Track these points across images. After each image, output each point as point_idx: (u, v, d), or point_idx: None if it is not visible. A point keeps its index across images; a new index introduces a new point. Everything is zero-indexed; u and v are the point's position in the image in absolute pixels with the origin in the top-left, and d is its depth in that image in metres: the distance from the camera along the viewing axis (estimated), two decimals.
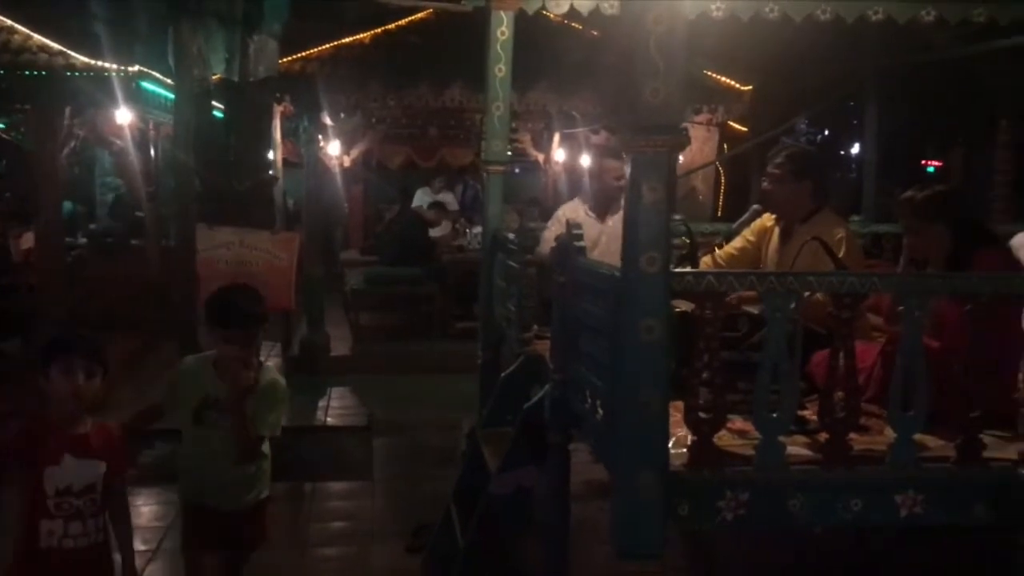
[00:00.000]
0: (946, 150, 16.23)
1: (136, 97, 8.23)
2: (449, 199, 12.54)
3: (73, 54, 7.82)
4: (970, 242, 3.32)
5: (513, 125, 10.67)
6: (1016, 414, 2.79)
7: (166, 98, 8.59)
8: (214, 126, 6.25)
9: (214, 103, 6.68)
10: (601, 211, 5.07)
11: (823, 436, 2.80)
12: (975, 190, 14.01)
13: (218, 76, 5.98)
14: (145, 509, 5.11)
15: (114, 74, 7.58)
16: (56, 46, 7.87)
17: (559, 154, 12.61)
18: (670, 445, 2.68)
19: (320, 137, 10.45)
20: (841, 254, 3.55)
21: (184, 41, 5.48)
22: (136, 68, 7.80)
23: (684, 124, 9.96)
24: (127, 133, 9.98)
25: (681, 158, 10.72)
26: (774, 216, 4.17)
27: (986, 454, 2.82)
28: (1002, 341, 2.87)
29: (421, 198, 12.25)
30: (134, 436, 3.37)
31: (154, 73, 8.30)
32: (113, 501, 3.11)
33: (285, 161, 10.80)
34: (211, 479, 3.42)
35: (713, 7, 5.51)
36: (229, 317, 3.32)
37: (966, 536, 2.91)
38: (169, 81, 7.23)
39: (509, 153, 9.14)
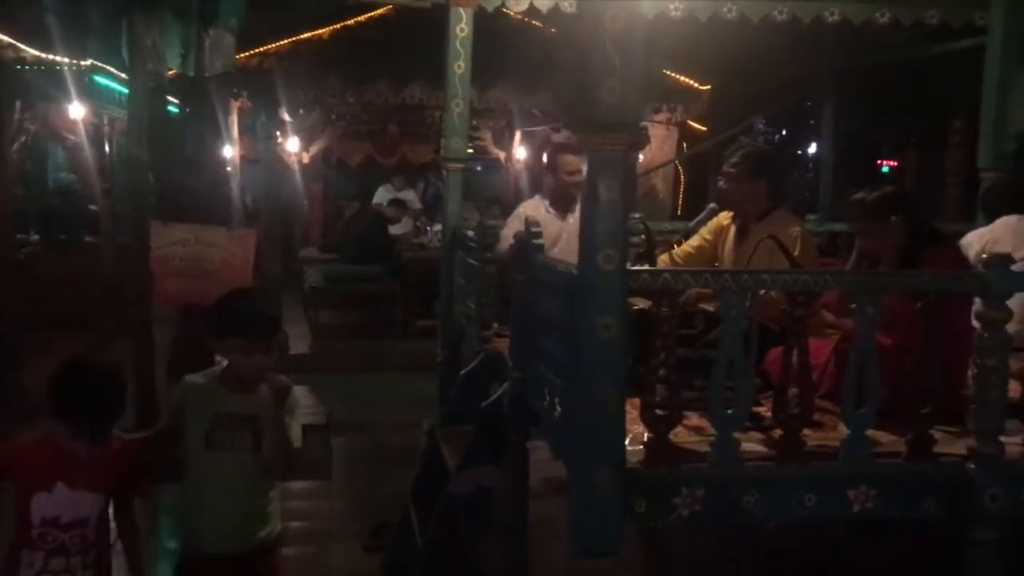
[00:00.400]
0: (901, 150, 16.49)
1: (89, 91, 8.11)
2: (411, 196, 12.48)
3: (23, 47, 7.67)
4: (920, 241, 3.37)
5: (474, 123, 10.67)
6: (966, 410, 2.83)
7: (120, 93, 8.47)
8: (169, 122, 6.16)
9: (169, 98, 6.58)
10: (561, 208, 5.07)
11: (777, 432, 2.83)
12: (928, 190, 14.26)
13: (173, 71, 5.89)
14: None
15: (66, 68, 7.45)
16: (6, 38, 7.71)
17: (520, 152, 12.61)
18: (627, 442, 2.70)
19: (278, 133, 10.36)
20: (796, 252, 3.59)
21: (138, 35, 5.40)
22: (89, 62, 7.68)
23: (643, 123, 10.04)
24: (81, 128, 9.81)
25: (641, 157, 10.78)
26: (731, 214, 4.20)
27: (936, 450, 2.87)
28: (953, 338, 2.92)
29: (382, 195, 12.19)
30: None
31: (108, 67, 8.17)
32: (120, 528, 2.89)
33: (243, 158, 10.69)
34: (222, 514, 2.94)
35: (672, 7, 5.57)
36: (252, 325, 2.96)
37: (917, 530, 2.95)
38: (123, 75, 7.12)
39: (470, 151, 9.14)
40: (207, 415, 2.93)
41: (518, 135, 12.36)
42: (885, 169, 18.43)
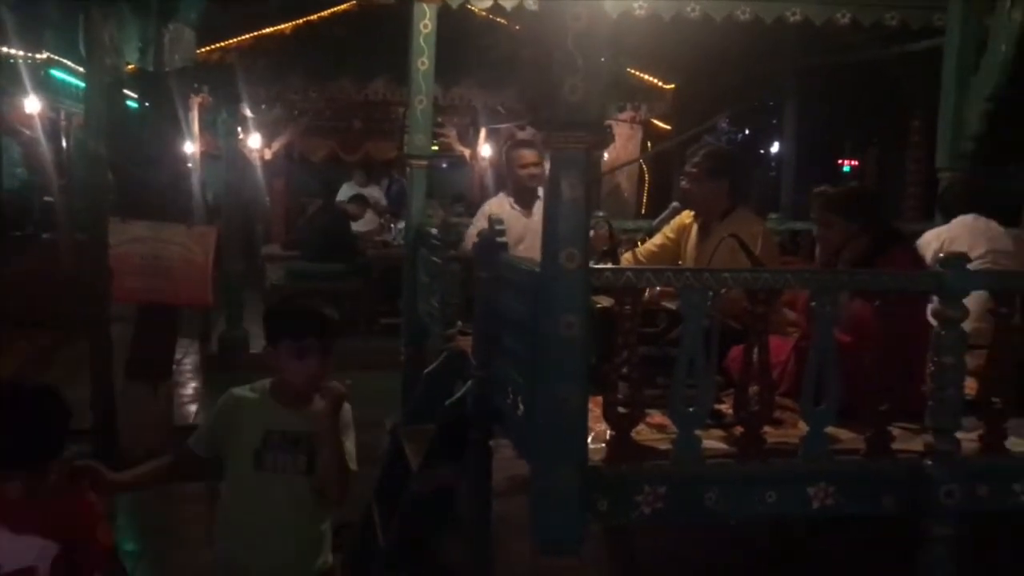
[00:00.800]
0: (862, 150, 16.71)
1: (46, 85, 7.96)
2: (375, 193, 12.41)
3: None
4: (879, 241, 3.40)
5: (439, 120, 10.65)
6: (924, 407, 2.87)
7: (77, 87, 8.33)
8: (128, 117, 6.06)
9: (128, 93, 6.49)
10: (525, 204, 5.07)
11: (738, 430, 2.85)
12: (888, 189, 14.45)
13: (132, 66, 5.80)
14: None
15: (21, 61, 7.31)
16: None
17: (485, 149, 12.60)
18: (589, 440, 2.70)
19: (240, 129, 10.25)
20: (757, 251, 3.62)
21: (95, 28, 5.30)
22: (45, 55, 7.54)
23: (608, 122, 10.11)
24: (37, 122, 9.63)
25: (605, 155, 10.83)
26: (693, 213, 4.22)
27: (895, 446, 2.90)
28: (911, 336, 2.95)
29: (347, 192, 12.09)
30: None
31: (65, 61, 8.03)
32: None
33: (204, 153, 10.57)
34: (273, 543, 2.63)
35: (636, 5, 5.58)
36: (305, 324, 2.66)
37: (876, 526, 2.99)
38: (80, 69, 7.01)
39: (435, 148, 9.11)
40: (256, 433, 2.63)
41: (483, 132, 12.35)
42: (846, 168, 18.66)
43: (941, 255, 2.97)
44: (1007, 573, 3.88)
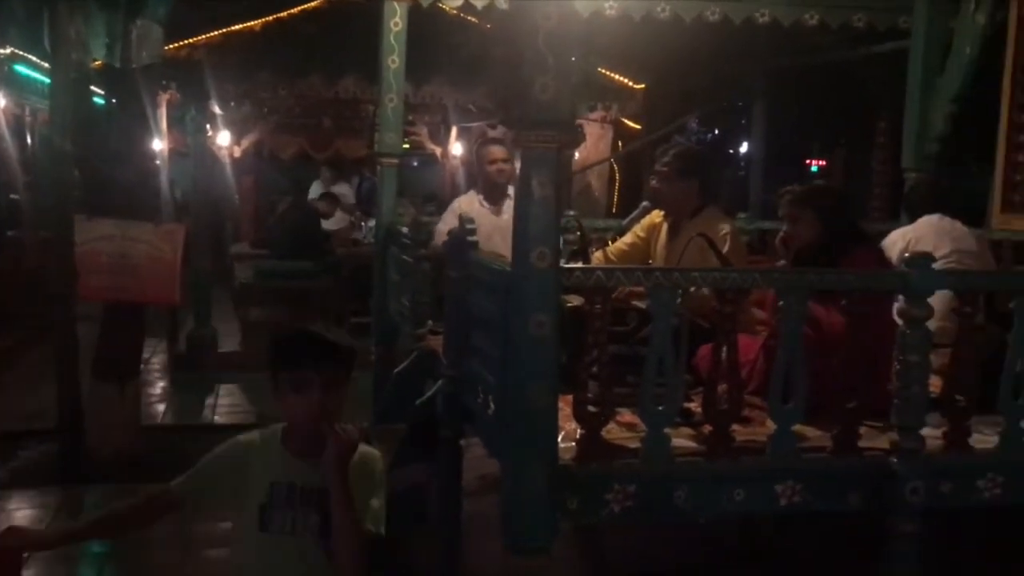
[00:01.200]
0: (830, 150, 16.87)
1: (10, 81, 7.84)
2: (344, 190, 12.32)
3: None
4: (844, 240, 3.43)
5: (410, 118, 10.61)
6: (890, 405, 2.90)
7: (43, 83, 8.22)
8: (94, 113, 5.98)
9: (94, 89, 6.41)
10: (495, 202, 5.08)
11: (707, 428, 2.87)
12: (855, 189, 14.59)
13: (98, 62, 5.72)
14: (19, 514, 4.88)
15: None
16: None
17: (457, 148, 12.57)
18: (559, 439, 2.71)
19: (208, 127, 10.15)
20: (725, 250, 3.64)
21: (61, 24, 5.23)
22: (9, 50, 7.42)
23: (579, 121, 10.12)
24: (1, 119, 9.49)
25: (576, 154, 10.84)
26: (663, 212, 4.25)
27: (861, 444, 2.94)
28: (877, 335, 2.99)
29: (316, 191, 11.99)
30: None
31: (30, 56, 7.91)
32: None
33: (172, 151, 10.46)
34: None
35: (606, 5, 5.61)
36: (302, 351, 2.22)
37: (844, 522, 3.02)
38: (46, 65, 6.90)
39: (406, 146, 9.08)
40: (261, 486, 2.22)
41: (454, 131, 12.33)
42: (814, 168, 18.84)
43: (907, 255, 3.01)
44: (970, 569, 3.93)
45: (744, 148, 16.88)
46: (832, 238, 3.42)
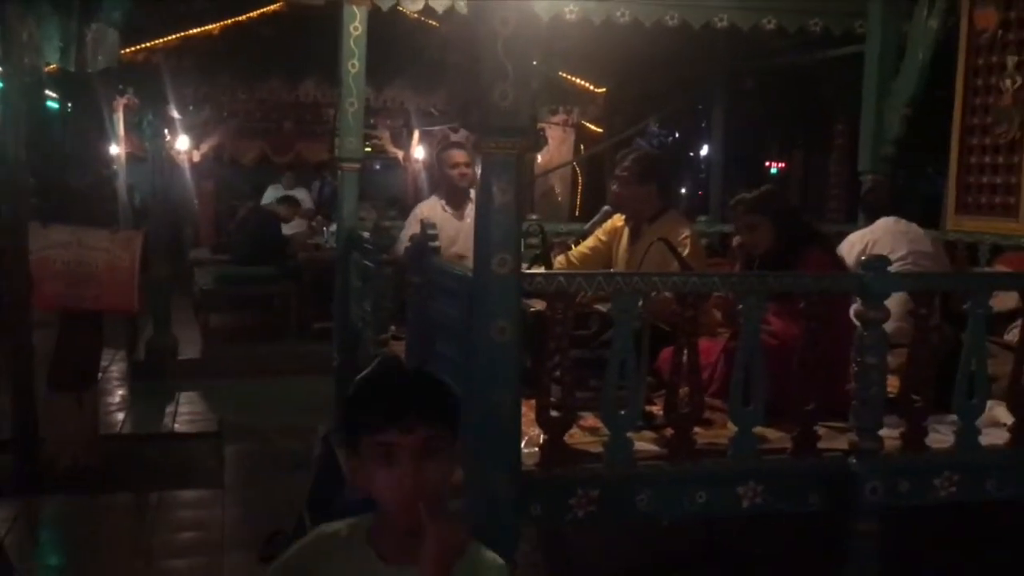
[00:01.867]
0: (789, 152, 17.06)
1: None
2: (302, 195, 12.24)
3: None
4: (799, 241, 3.46)
5: (371, 121, 10.58)
6: (848, 406, 2.94)
7: None
8: (48, 118, 5.89)
9: (49, 93, 6.31)
10: (457, 206, 5.08)
11: (669, 431, 2.88)
12: (813, 190, 14.79)
13: (52, 66, 5.64)
14: None
15: None
16: None
17: (419, 151, 12.55)
18: (523, 445, 2.71)
19: (167, 131, 10.04)
20: (686, 253, 3.68)
21: (13, 27, 5.13)
22: None
23: (541, 124, 10.14)
24: None
25: (539, 158, 10.87)
26: (624, 216, 4.27)
27: (821, 445, 2.97)
28: (834, 337, 3.03)
29: (272, 195, 11.88)
30: None
31: None
32: None
33: (130, 155, 10.33)
34: None
35: (567, 9, 5.63)
36: (391, 405, 1.57)
37: (805, 522, 3.05)
38: None
39: (368, 149, 9.03)
40: None
41: (416, 134, 12.30)
42: (774, 171, 19.02)
43: (863, 258, 3.05)
44: (928, 567, 3.99)
45: (704, 151, 17.01)
46: (788, 241, 3.45)
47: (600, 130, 11.52)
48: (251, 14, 8.82)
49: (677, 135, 17.38)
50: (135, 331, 8.59)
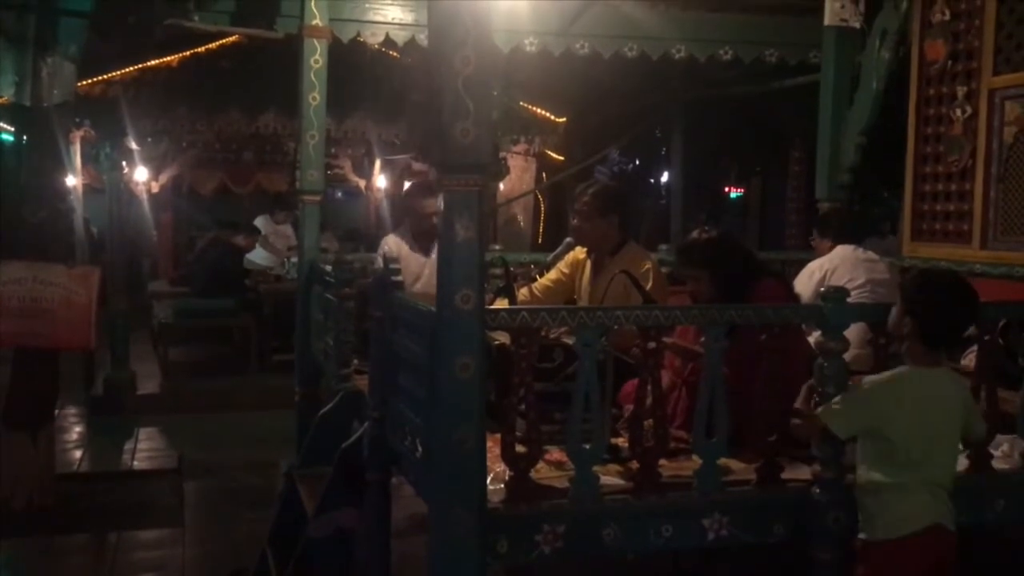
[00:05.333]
0: (747, 179, 17.28)
1: None
2: (289, 232, 12.01)
3: None
4: (741, 280, 3.42)
5: (332, 151, 10.55)
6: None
7: None
8: (2, 151, 5.81)
9: (3, 126, 6.22)
10: (424, 244, 5.05)
11: (634, 464, 2.88)
12: (772, 217, 14.97)
13: (6, 99, 5.56)
14: None
15: None
16: None
17: (381, 180, 12.53)
18: (488, 482, 2.69)
19: (125, 163, 9.94)
20: (648, 286, 3.69)
21: None
22: None
23: (503, 154, 10.20)
24: None
25: (501, 186, 10.92)
26: (586, 249, 4.29)
27: (784, 475, 2.98)
28: (792, 367, 3.05)
29: (261, 225, 11.63)
30: None
31: None
32: None
33: (88, 187, 10.20)
34: None
35: (526, 42, 5.68)
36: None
37: (769, 553, 3.06)
38: None
39: (330, 172, 8.98)
40: None
41: (378, 163, 12.28)
42: (733, 195, 19.24)
43: (822, 290, 3.08)
44: None
45: (665, 177, 17.17)
46: (728, 283, 3.44)
47: (561, 158, 11.59)
48: (210, 46, 8.77)
49: (637, 162, 17.53)
50: (92, 365, 8.46)
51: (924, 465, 2.70)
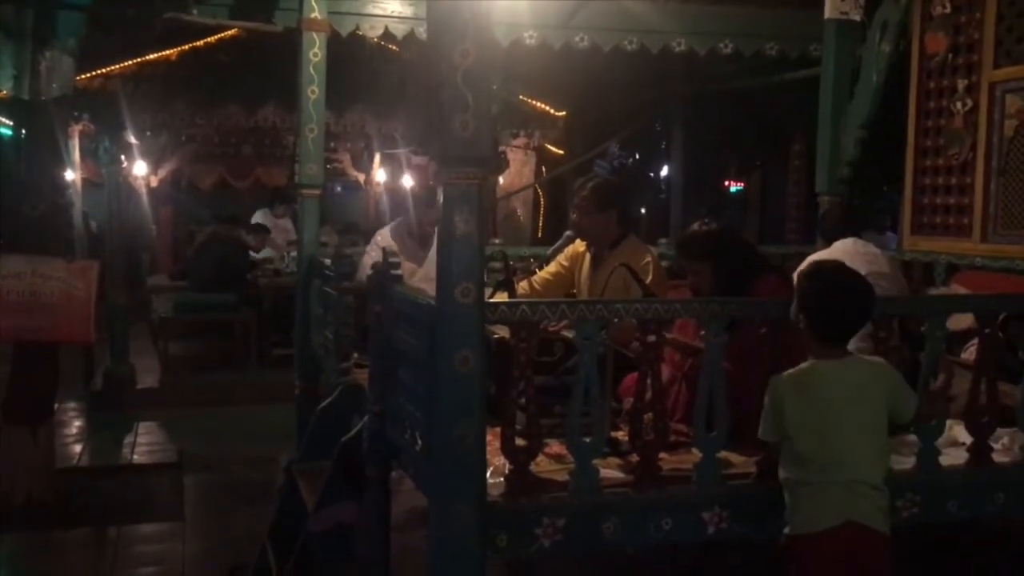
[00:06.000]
0: (747, 172, 17.27)
1: None
2: (288, 225, 12.02)
3: None
4: (741, 276, 3.42)
5: (331, 144, 10.53)
6: None
7: None
8: (1, 146, 5.80)
9: (2, 120, 6.21)
10: (423, 240, 5.05)
11: (634, 458, 2.88)
12: (772, 210, 14.96)
13: (5, 93, 5.55)
14: None
15: None
16: None
17: (380, 174, 12.50)
18: (488, 475, 2.69)
19: (124, 156, 9.92)
20: (648, 279, 3.69)
21: None
22: None
23: (502, 148, 10.19)
24: None
25: (501, 180, 10.91)
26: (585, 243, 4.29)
27: None
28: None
29: (259, 219, 11.62)
30: None
31: None
32: None
33: (86, 181, 10.20)
34: None
35: (526, 35, 5.67)
36: None
37: (768, 547, 3.06)
38: None
39: (329, 167, 8.97)
40: None
41: (378, 157, 12.26)
42: (733, 189, 19.22)
43: None
44: None
45: (664, 171, 17.15)
46: (729, 278, 3.43)
47: (561, 152, 11.59)
48: (209, 40, 8.78)
49: (637, 156, 17.52)
50: (92, 360, 8.45)
51: (832, 462, 2.65)
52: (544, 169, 11.79)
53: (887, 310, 3.12)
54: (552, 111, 10.52)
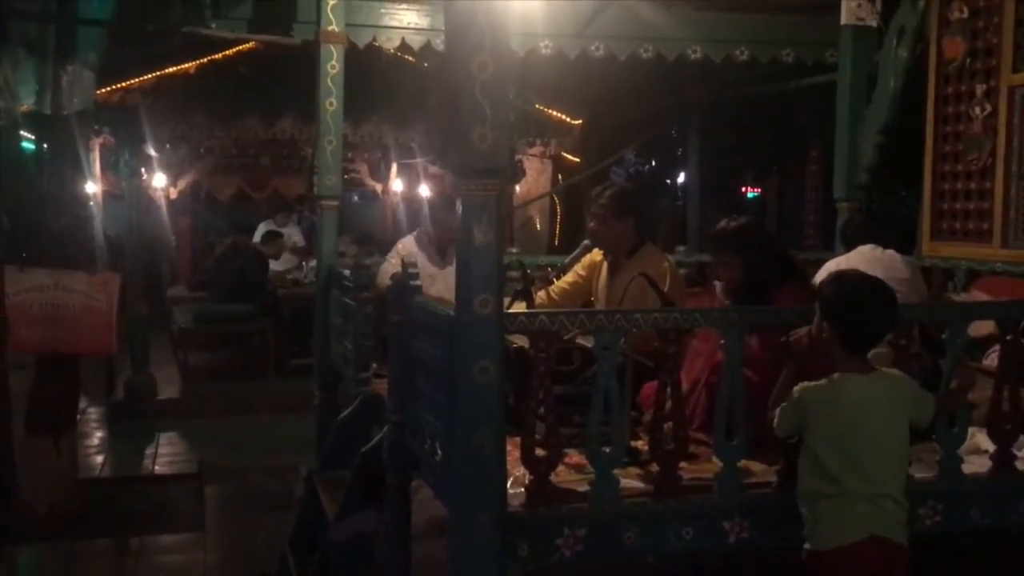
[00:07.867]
0: (764, 178, 17.19)
1: None
2: (294, 233, 12.13)
3: None
4: (773, 279, 3.44)
5: (349, 155, 10.60)
6: None
7: None
8: (24, 160, 5.86)
9: (24, 134, 6.28)
10: (442, 250, 5.06)
11: (654, 467, 2.88)
12: (789, 216, 14.89)
13: (27, 108, 5.62)
14: None
15: None
16: None
17: (397, 184, 12.56)
18: (508, 485, 2.69)
19: (143, 169, 10.01)
20: (666, 287, 3.68)
21: None
22: None
23: (519, 156, 10.20)
24: None
25: (517, 188, 10.92)
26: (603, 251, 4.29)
27: None
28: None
29: (263, 231, 11.73)
30: None
31: None
32: None
33: (107, 194, 10.29)
34: None
35: (542, 44, 5.69)
36: None
37: (791, 556, 3.04)
38: None
39: (347, 177, 9.00)
40: None
41: (394, 167, 12.32)
42: (750, 195, 19.13)
43: None
44: None
45: (681, 178, 17.10)
46: (759, 275, 3.45)
47: (577, 160, 11.58)
48: (227, 52, 8.83)
49: (654, 163, 17.48)
50: (113, 371, 8.51)
51: (857, 476, 2.63)
52: (560, 177, 11.79)
53: (907, 317, 3.10)
54: (568, 119, 10.52)
